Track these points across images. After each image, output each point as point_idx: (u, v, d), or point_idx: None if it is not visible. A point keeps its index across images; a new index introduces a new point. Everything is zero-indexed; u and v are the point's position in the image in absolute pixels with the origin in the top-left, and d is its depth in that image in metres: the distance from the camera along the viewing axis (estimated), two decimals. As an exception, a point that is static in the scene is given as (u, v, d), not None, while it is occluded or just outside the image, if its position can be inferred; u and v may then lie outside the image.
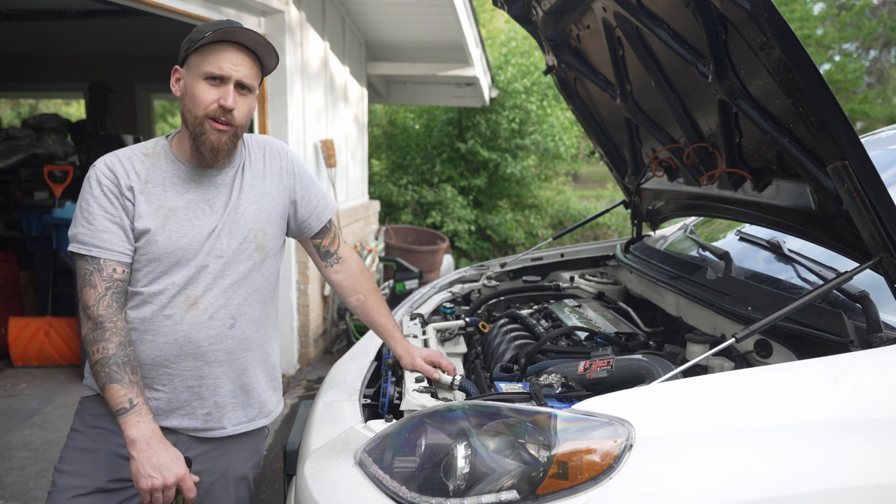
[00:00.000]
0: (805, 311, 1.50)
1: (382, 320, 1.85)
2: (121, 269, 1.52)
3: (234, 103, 1.49)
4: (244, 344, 1.63)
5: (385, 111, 11.34)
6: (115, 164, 1.53)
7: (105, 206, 1.50)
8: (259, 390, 1.69)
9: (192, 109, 1.50)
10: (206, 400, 1.60)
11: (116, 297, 1.51)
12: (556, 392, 1.59)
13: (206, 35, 1.47)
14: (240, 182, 1.62)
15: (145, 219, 1.51)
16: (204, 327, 1.55)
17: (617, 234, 11.49)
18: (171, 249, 1.52)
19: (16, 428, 3.79)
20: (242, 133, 1.59)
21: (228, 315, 1.58)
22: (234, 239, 1.58)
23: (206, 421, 1.62)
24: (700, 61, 1.74)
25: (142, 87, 8.32)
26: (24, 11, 5.75)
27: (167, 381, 1.56)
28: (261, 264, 1.63)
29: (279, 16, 4.36)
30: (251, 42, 1.51)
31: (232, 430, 1.66)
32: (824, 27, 18.01)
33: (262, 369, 1.69)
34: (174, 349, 1.54)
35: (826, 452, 1.15)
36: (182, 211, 1.54)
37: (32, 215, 4.90)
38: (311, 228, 1.77)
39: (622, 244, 2.81)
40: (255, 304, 1.64)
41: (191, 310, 1.54)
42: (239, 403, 1.65)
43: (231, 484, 1.71)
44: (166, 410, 1.58)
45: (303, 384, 4.65)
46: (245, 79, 1.51)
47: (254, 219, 1.62)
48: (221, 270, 1.57)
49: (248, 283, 1.62)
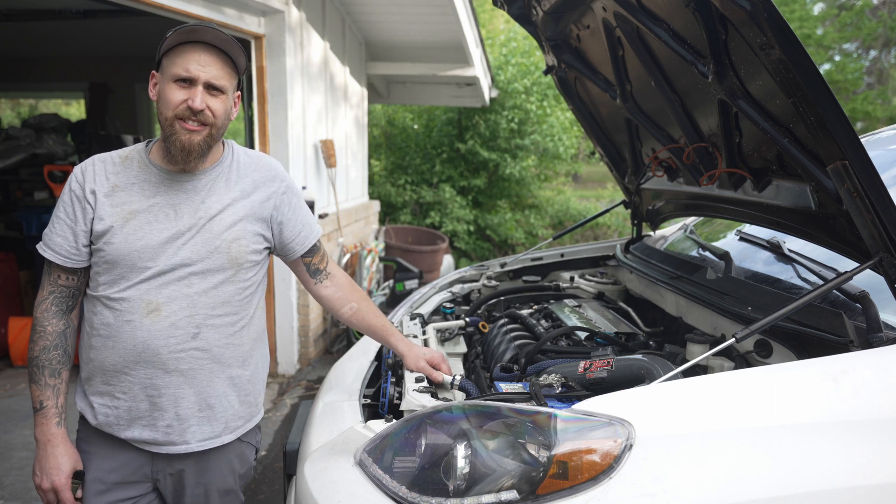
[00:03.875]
0: (805, 311, 1.50)
1: (379, 321, 1.84)
2: (65, 275, 1.55)
3: (202, 104, 1.48)
4: (210, 355, 1.57)
5: (384, 111, 11.34)
6: (87, 167, 1.55)
7: (67, 211, 1.53)
8: (226, 405, 1.62)
9: (163, 111, 1.50)
10: (167, 411, 1.55)
11: (57, 301, 1.56)
12: (556, 392, 1.59)
13: (170, 36, 1.47)
14: (217, 191, 1.59)
15: (106, 220, 1.51)
16: (163, 335, 1.51)
17: (617, 234, 11.49)
18: (127, 252, 1.50)
19: (16, 428, 3.79)
20: (220, 134, 1.56)
21: (192, 325, 1.54)
22: (202, 247, 1.54)
23: (168, 434, 1.56)
24: (700, 61, 1.74)
25: (142, 87, 8.30)
26: (24, 11, 5.74)
27: (127, 389, 1.54)
28: (234, 276, 1.59)
29: (279, 16, 4.36)
30: (217, 41, 1.49)
31: (197, 445, 1.59)
32: (824, 27, 18.00)
33: (231, 383, 1.62)
34: (132, 355, 1.52)
35: (826, 452, 1.15)
36: (142, 214, 1.52)
37: (32, 215, 4.90)
38: (294, 252, 1.75)
39: (622, 244, 2.81)
40: (225, 315, 1.58)
41: (151, 316, 1.51)
42: (205, 418, 1.59)
43: (216, 497, 1.68)
44: (127, 420, 1.55)
45: (303, 384, 4.65)
46: (214, 79, 1.49)
47: (228, 229, 1.57)
48: (186, 278, 1.53)
49: (218, 293, 1.56)
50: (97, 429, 1.58)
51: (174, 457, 1.61)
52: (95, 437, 1.60)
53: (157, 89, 1.54)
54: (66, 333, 1.57)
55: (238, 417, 1.67)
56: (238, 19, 4.11)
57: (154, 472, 1.61)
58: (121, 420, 1.56)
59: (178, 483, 1.63)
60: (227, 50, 1.51)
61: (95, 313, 1.54)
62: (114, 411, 1.56)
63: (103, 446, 1.59)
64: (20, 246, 5.16)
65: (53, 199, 5.15)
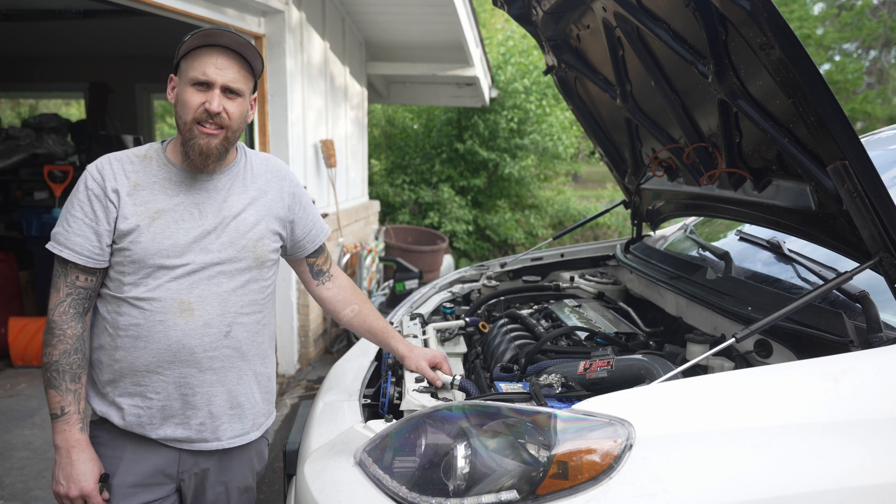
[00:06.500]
0: (805, 311, 1.50)
1: (380, 324, 1.86)
2: (84, 276, 1.52)
3: (219, 107, 1.49)
4: (240, 353, 1.60)
5: (384, 111, 11.34)
6: (104, 166, 1.54)
7: (85, 210, 1.51)
8: (253, 402, 1.67)
9: (181, 115, 1.51)
10: (200, 410, 1.57)
11: (75, 304, 1.52)
12: (556, 392, 1.59)
13: (187, 40, 1.48)
14: (236, 191, 1.61)
15: (131, 219, 1.50)
16: (198, 334, 1.53)
17: (617, 234, 11.50)
18: (155, 251, 1.50)
19: (16, 428, 3.79)
20: (236, 137, 1.58)
21: (224, 323, 1.56)
22: (230, 246, 1.56)
23: (200, 431, 1.59)
24: (700, 61, 1.74)
25: (142, 87, 8.32)
26: (24, 11, 5.74)
27: (161, 389, 1.55)
28: (258, 275, 1.62)
29: (279, 16, 4.37)
30: (234, 44, 1.50)
31: (228, 442, 1.63)
32: (824, 27, 18.01)
33: (256, 381, 1.67)
34: (167, 355, 1.53)
35: (826, 452, 1.15)
36: (169, 213, 1.53)
37: (32, 215, 4.90)
38: (304, 249, 1.78)
39: (622, 244, 2.81)
40: (252, 314, 1.62)
41: (184, 315, 1.52)
42: (235, 416, 1.63)
43: (235, 495, 1.71)
44: (160, 419, 1.56)
45: (303, 384, 4.65)
46: (231, 83, 1.50)
47: (252, 228, 1.60)
48: (216, 277, 1.55)
49: (245, 292, 1.60)
50: (124, 430, 1.57)
51: (201, 455, 1.62)
52: (121, 440, 1.58)
53: (175, 93, 1.55)
54: (84, 336, 1.55)
55: (262, 414, 1.71)
56: (239, 19, 4.11)
57: (180, 472, 1.62)
58: (154, 419, 1.56)
59: (201, 482, 1.65)
60: (243, 53, 1.53)
61: (121, 314, 1.53)
62: (146, 412, 1.56)
63: (130, 449, 1.58)
64: (20, 246, 5.16)
65: (53, 199, 5.15)
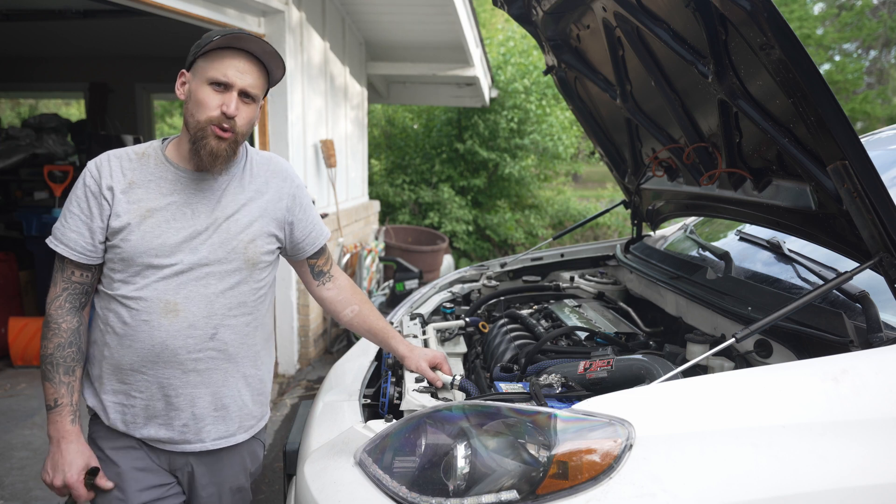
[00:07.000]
0: (805, 311, 1.50)
1: (380, 324, 1.85)
2: (79, 272, 1.54)
3: (236, 110, 1.49)
4: (226, 355, 1.59)
5: (384, 111, 11.34)
6: (102, 163, 1.54)
7: (82, 206, 1.52)
8: (241, 404, 1.65)
9: (194, 114, 1.50)
10: (183, 411, 1.57)
11: (71, 298, 1.54)
12: (556, 392, 1.59)
13: (215, 39, 1.47)
14: (232, 191, 1.60)
15: (123, 217, 1.50)
16: (182, 335, 1.52)
17: (617, 234, 11.50)
18: (144, 249, 1.50)
19: (16, 428, 3.79)
20: (242, 141, 1.58)
21: (210, 325, 1.55)
22: (220, 247, 1.55)
23: (183, 433, 1.58)
24: (700, 61, 1.74)
25: (142, 87, 8.32)
26: (24, 11, 5.74)
27: (143, 388, 1.55)
28: (249, 276, 1.61)
29: (279, 16, 4.36)
30: (260, 51, 1.51)
31: (211, 444, 1.62)
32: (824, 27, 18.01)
33: (245, 383, 1.65)
34: (150, 355, 1.52)
35: (826, 452, 1.15)
36: (160, 212, 1.52)
37: (32, 215, 4.90)
38: (304, 252, 1.78)
39: (622, 244, 2.81)
40: (241, 315, 1.60)
41: (169, 316, 1.51)
42: (219, 417, 1.61)
43: (228, 495, 1.71)
44: (144, 419, 1.56)
45: (303, 384, 4.65)
46: (249, 88, 1.51)
47: (244, 230, 1.59)
48: (204, 278, 1.54)
49: (234, 294, 1.58)
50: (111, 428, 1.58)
51: (189, 455, 1.62)
52: (114, 434, 1.60)
53: (187, 88, 1.54)
54: (80, 331, 1.56)
55: (251, 416, 1.70)
56: (239, 19, 4.10)
57: (172, 470, 1.64)
58: (137, 419, 1.57)
59: (192, 482, 1.65)
60: (267, 63, 1.53)
61: (110, 311, 1.54)
62: (130, 410, 1.56)
63: (125, 441, 1.59)
64: (20, 246, 5.16)
65: (53, 199, 5.15)
